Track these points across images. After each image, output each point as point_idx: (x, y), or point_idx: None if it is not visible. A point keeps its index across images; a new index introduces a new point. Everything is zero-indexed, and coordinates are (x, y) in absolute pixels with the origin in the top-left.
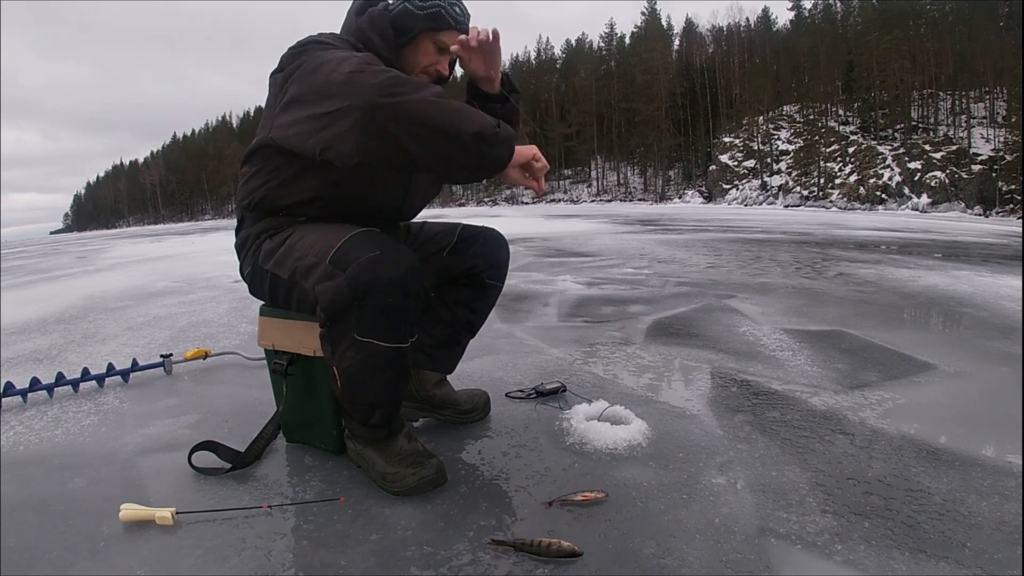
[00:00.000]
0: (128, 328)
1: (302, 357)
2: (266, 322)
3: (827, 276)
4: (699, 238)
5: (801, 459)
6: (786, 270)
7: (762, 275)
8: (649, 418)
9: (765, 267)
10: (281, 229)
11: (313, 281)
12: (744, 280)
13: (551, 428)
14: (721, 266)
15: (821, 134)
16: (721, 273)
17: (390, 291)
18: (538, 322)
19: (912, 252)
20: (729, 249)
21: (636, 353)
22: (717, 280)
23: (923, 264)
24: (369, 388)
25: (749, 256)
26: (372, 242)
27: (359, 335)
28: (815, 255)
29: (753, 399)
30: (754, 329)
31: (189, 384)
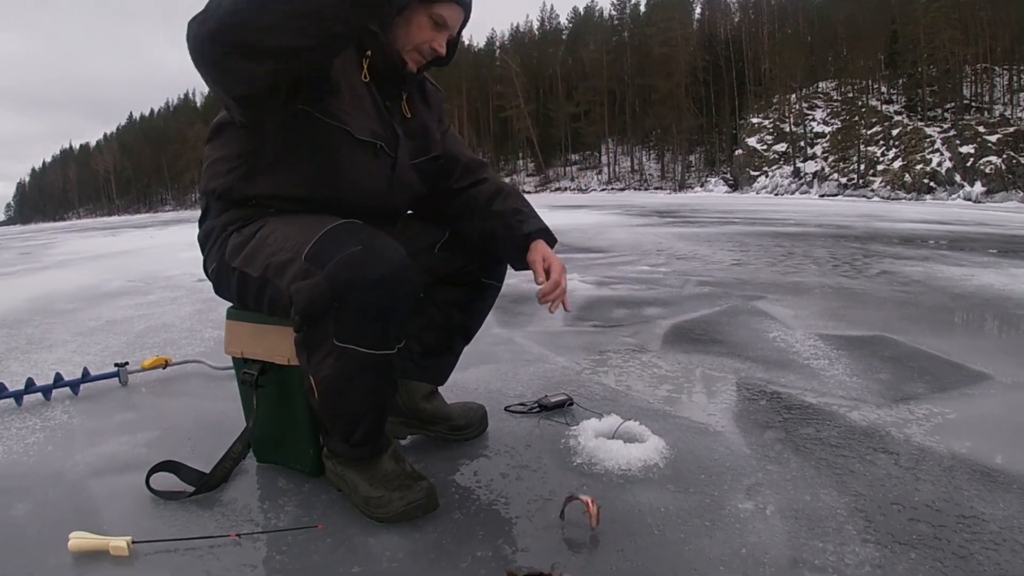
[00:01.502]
0: (79, 333)
1: (275, 366)
2: (234, 326)
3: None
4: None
5: (839, 481)
6: (822, 268)
7: (795, 273)
8: (667, 435)
9: (798, 264)
10: (251, 220)
11: (287, 280)
12: (774, 279)
13: (556, 446)
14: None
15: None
16: (748, 271)
17: (375, 291)
18: (541, 326)
19: (964, 248)
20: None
21: (652, 362)
22: (744, 279)
23: (977, 261)
24: (350, 401)
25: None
26: (354, 235)
27: (339, 340)
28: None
29: (784, 414)
30: (786, 334)
31: (147, 397)
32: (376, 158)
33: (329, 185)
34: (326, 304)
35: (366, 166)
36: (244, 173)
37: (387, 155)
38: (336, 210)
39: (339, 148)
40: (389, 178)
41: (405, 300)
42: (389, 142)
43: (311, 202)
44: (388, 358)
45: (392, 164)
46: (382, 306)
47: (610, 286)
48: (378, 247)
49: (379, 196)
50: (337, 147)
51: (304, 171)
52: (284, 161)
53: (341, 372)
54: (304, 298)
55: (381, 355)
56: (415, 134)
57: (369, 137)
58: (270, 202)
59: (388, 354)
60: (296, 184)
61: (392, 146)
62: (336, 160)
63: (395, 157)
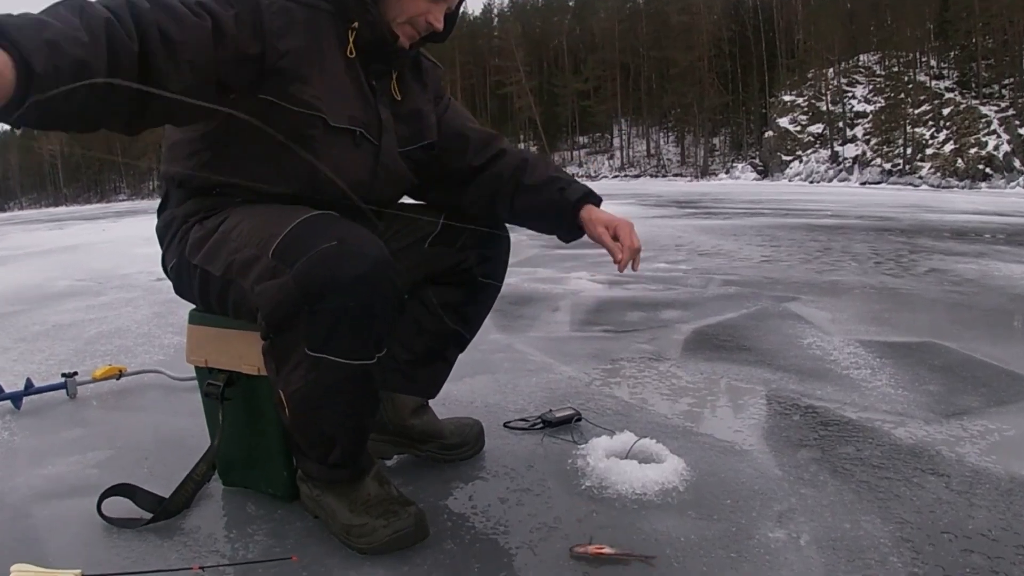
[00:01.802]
0: (20, 339)
1: (243, 376)
2: (197, 331)
3: (915, 273)
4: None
5: (882, 507)
6: (863, 265)
7: (832, 271)
8: (688, 455)
9: (836, 261)
10: (214, 211)
11: (252, 279)
12: (809, 278)
13: (562, 468)
14: (780, 260)
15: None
16: (780, 269)
17: (351, 292)
18: (545, 331)
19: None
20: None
21: (671, 371)
22: (774, 278)
23: None
24: (326, 417)
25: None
26: (328, 229)
27: (311, 349)
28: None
29: (821, 430)
30: (822, 341)
31: (99, 411)
32: (357, 147)
33: (303, 177)
34: (295, 307)
35: (345, 156)
36: (208, 159)
37: (370, 143)
38: (312, 202)
39: (313, 137)
40: (372, 169)
41: (386, 302)
42: (372, 128)
43: (281, 193)
44: (368, 369)
45: (376, 153)
46: (360, 309)
47: (623, 286)
48: (354, 242)
49: (361, 188)
50: (310, 136)
51: (274, 160)
52: (252, 148)
53: (314, 385)
54: (270, 301)
55: (360, 365)
56: (406, 118)
57: (347, 124)
58: (236, 191)
59: (368, 364)
60: (265, 174)
61: (375, 133)
62: (310, 149)
63: (379, 145)
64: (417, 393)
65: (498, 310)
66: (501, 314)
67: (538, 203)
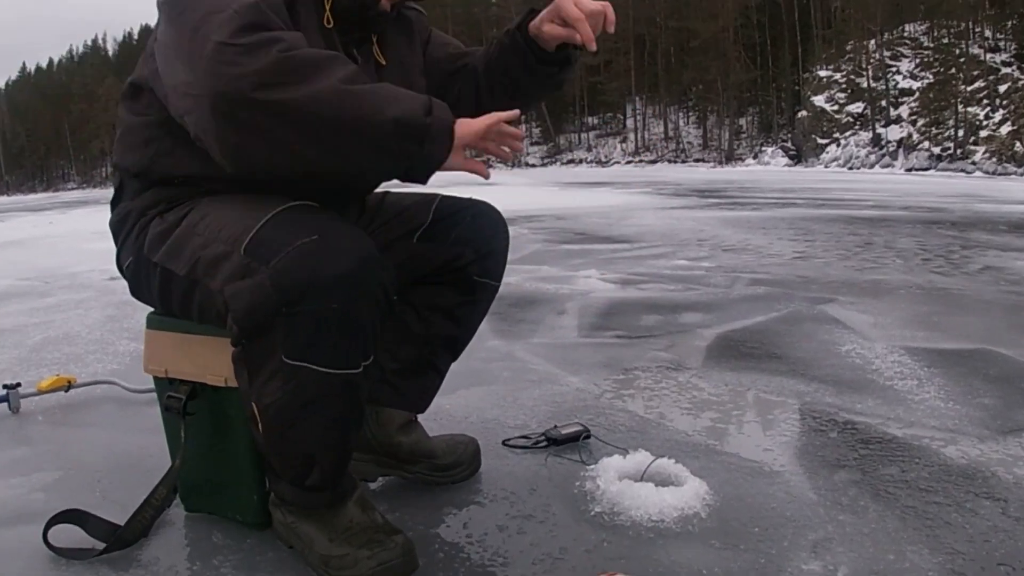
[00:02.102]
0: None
1: (209, 389)
2: (156, 337)
3: (968, 271)
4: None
5: (931, 536)
6: (909, 262)
7: (874, 269)
8: (711, 476)
9: (878, 257)
10: (177, 203)
11: (221, 279)
12: (848, 277)
13: (569, 491)
14: (815, 256)
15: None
16: (815, 267)
17: (334, 292)
18: (550, 337)
19: None
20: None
21: (692, 382)
22: (808, 276)
23: None
24: (305, 434)
25: (855, 242)
26: (307, 221)
27: (289, 357)
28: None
29: (861, 449)
30: (862, 348)
31: (45, 427)
32: None
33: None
34: (271, 310)
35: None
36: (167, 149)
37: None
38: (287, 190)
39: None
40: None
41: (373, 304)
42: None
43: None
44: (353, 379)
45: None
46: (344, 312)
47: (638, 286)
48: (338, 237)
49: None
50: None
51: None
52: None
53: (292, 398)
54: (243, 303)
55: (344, 375)
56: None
57: None
58: (201, 181)
59: (353, 374)
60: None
61: None
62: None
63: None
64: (405, 407)
65: (496, 313)
66: (500, 318)
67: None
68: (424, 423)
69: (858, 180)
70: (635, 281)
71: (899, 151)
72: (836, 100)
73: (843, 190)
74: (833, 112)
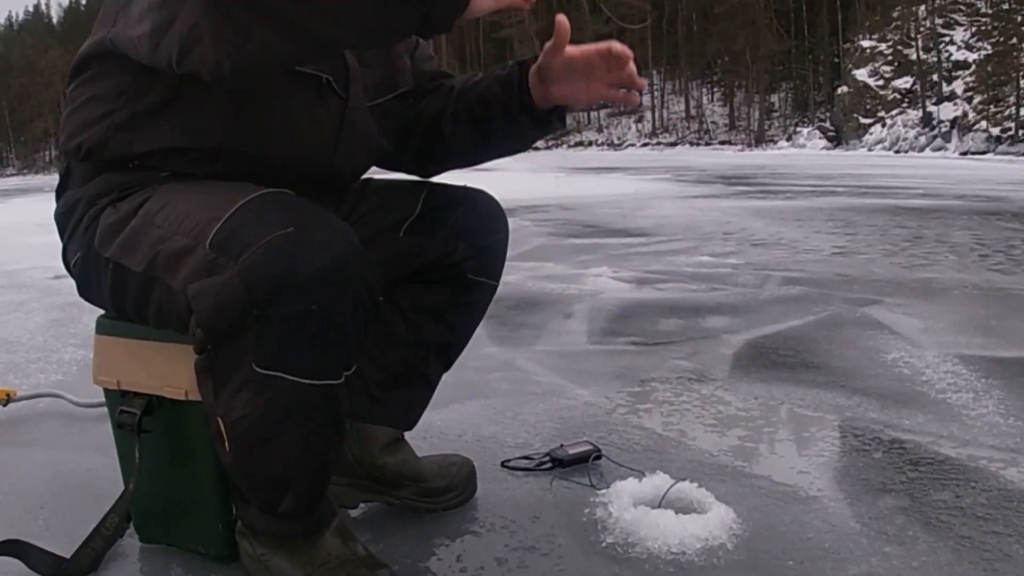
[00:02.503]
0: None
1: (167, 402)
2: (107, 344)
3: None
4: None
5: (989, 570)
6: (964, 259)
7: (924, 267)
8: (739, 502)
9: (929, 253)
10: (132, 189)
11: (184, 277)
12: (894, 275)
13: (577, 519)
14: (856, 252)
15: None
16: (857, 264)
17: (312, 292)
18: (555, 344)
19: None
20: (869, 224)
21: (716, 395)
22: (849, 275)
23: None
24: (278, 453)
25: (902, 235)
26: (282, 211)
27: (260, 366)
28: (1012, 234)
29: (910, 471)
30: (911, 356)
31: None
32: (320, 99)
33: (250, 139)
34: (240, 312)
35: (306, 111)
36: (124, 121)
37: (335, 94)
38: (260, 174)
39: (266, 85)
40: (337, 128)
41: (356, 305)
42: (338, 76)
43: (223, 163)
44: (332, 391)
45: (342, 107)
46: (323, 314)
47: (655, 285)
48: (317, 229)
49: (324, 154)
50: (263, 83)
51: (212, 118)
52: (183, 103)
53: (264, 412)
54: (208, 304)
55: (322, 386)
56: (373, 62)
57: (312, 69)
58: (161, 163)
59: (333, 385)
60: (200, 137)
61: (343, 82)
62: (261, 102)
63: (346, 98)
64: (391, 424)
65: (494, 316)
66: (498, 321)
67: (482, 91)
68: (412, 442)
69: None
70: (652, 280)
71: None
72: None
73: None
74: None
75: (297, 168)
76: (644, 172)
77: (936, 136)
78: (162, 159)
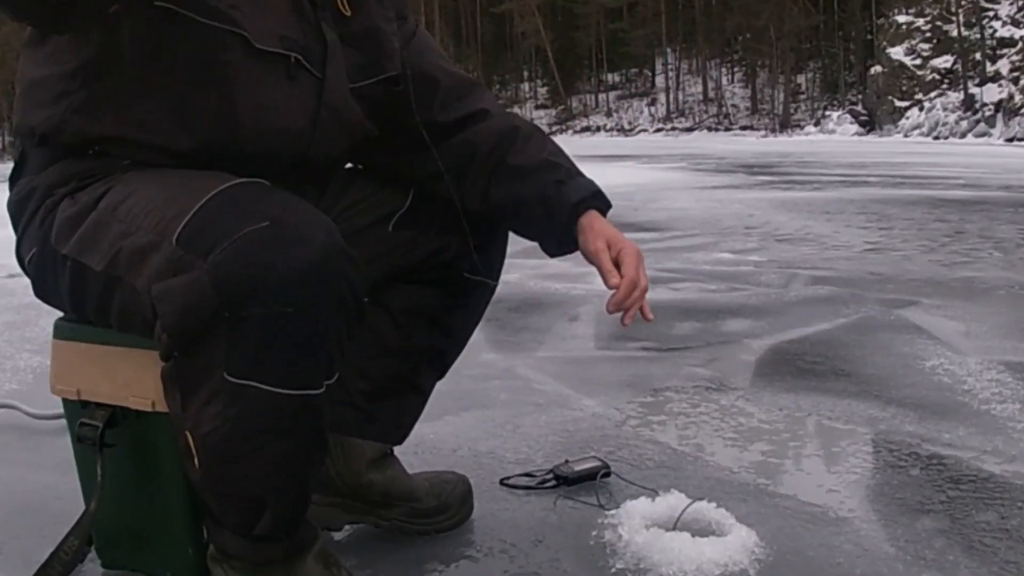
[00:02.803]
0: None
1: (132, 414)
2: (66, 350)
3: None
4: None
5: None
6: (1010, 255)
7: (966, 264)
8: (761, 524)
9: (972, 250)
10: (92, 179)
11: (148, 275)
12: (933, 273)
13: (583, 542)
14: (891, 248)
15: None
16: (891, 261)
17: (289, 293)
18: (560, 349)
19: None
20: (905, 217)
21: (737, 406)
22: (883, 273)
23: None
24: (252, 471)
25: (942, 230)
26: (256, 204)
27: (232, 374)
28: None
29: (950, 489)
30: (952, 362)
31: None
32: (291, 80)
33: (216, 123)
34: (210, 315)
35: (274, 92)
36: (83, 102)
37: (310, 74)
38: (230, 162)
39: (229, 64)
40: (314, 111)
41: (338, 306)
42: (312, 54)
43: (187, 150)
44: (312, 402)
45: (318, 89)
46: (301, 318)
47: (669, 285)
48: (294, 223)
49: (297, 140)
50: (225, 63)
51: (175, 100)
52: (145, 84)
53: (236, 425)
54: (175, 306)
55: (301, 397)
56: (358, 41)
57: (278, 47)
58: (123, 149)
59: (312, 395)
60: (163, 120)
61: (318, 60)
62: (226, 83)
63: (322, 78)
64: (378, 438)
65: (492, 319)
66: (497, 325)
67: (524, 195)
68: (402, 457)
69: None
70: (666, 279)
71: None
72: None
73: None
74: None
75: (270, 155)
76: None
77: (979, 121)
78: (124, 145)
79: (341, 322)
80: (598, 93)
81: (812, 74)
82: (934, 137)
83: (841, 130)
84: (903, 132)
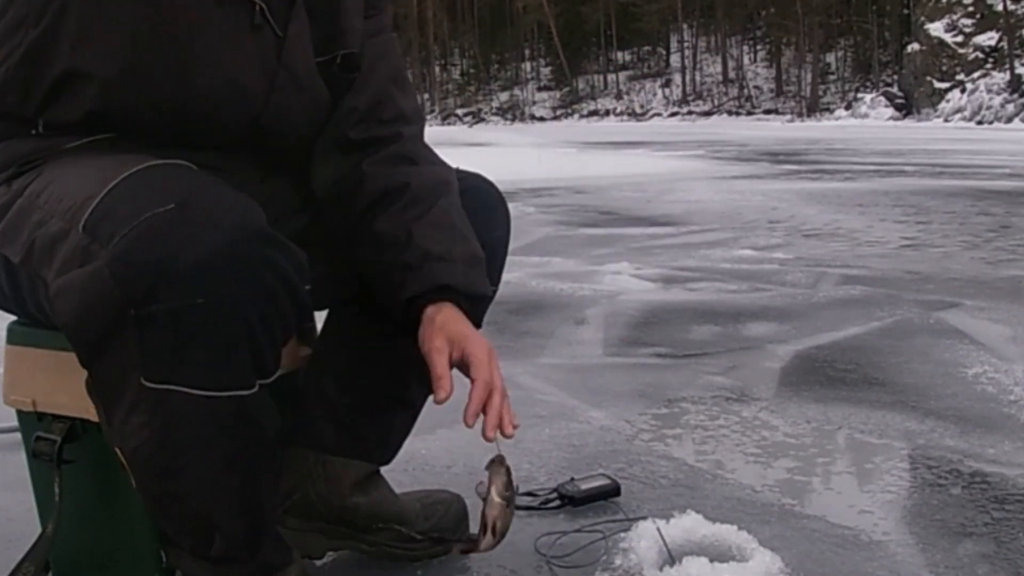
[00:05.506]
0: None
1: (93, 427)
2: (19, 356)
3: None
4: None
5: None
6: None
7: (1012, 262)
8: (788, 548)
9: (1019, 246)
10: (30, 165)
11: (56, 269)
12: (977, 272)
13: (591, 569)
14: (930, 245)
15: None
16: (930, 259)
17: (197, 282)
18: (565, 356)
19: None
20: (946, 211)
21: (760, 418)
22: (921, 272)
23: None
24: (190, 486)
25: (986, 224)
26: (166, 186)
27: (149, 379)
28: None
29: (994, 510)
30: (997, 370)
31: None
32: (253, 32)
33: (164, 78)
34: (115, 313)
35: (232, 42)
36: (22, 57)
37: (271, 31)
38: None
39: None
40: (271, 71)
41: (260, 294)
42: (277, 10)
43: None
44: (245, 404)
45: (278, 47)
46: (214, 308)
47: (685, 285)
48: (203, 204)
49: (252, 101)
50: (183, 6)
51: (127, 50)
52: (93, 35)
53: (163, 436)
54: (71, 304)
55: (230, 399)
56: (320, 13)
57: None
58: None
59: (242, 396)
60: (104, 65)
61: (281, 17)
62: (179, 30)
63: (283, 36)
64: (364, 457)
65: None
66: (496, 329)
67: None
68: (390, 475)
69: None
70: (682, 279)
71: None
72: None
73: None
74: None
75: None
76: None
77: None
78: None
79: (271, 312)
80: (607, 73)
81: (843, 52)
82: (977, 122)
83: (875, 114)
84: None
